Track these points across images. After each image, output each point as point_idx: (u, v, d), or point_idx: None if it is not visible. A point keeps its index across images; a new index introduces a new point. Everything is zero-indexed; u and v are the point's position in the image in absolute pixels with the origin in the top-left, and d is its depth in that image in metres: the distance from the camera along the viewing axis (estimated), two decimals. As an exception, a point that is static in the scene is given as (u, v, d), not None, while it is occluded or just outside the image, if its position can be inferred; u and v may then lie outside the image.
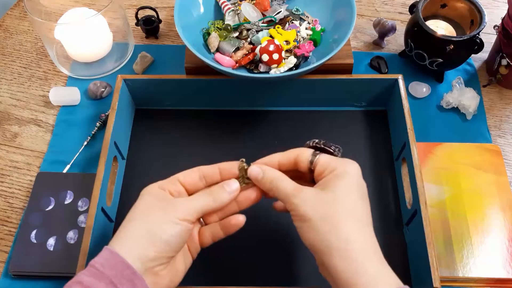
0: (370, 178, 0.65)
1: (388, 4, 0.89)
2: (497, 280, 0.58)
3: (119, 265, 0.42)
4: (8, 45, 0.84)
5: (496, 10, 0.87)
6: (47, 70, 0.80)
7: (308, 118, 0.71)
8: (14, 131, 0.73)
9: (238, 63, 0.68)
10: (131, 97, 0.71)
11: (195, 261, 0.51)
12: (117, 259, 0.42)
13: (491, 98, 0.75)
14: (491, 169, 0.65)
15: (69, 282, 0.42)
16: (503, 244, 0.59)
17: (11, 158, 0.70)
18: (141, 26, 0.82)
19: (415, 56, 0.73)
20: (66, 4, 0.81)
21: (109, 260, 0.43)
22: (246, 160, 0.51)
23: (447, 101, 0.72)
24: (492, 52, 0.77)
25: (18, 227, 0.63)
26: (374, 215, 0.62)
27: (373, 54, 0.80)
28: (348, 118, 0.71)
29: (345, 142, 0.68)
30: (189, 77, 0.68)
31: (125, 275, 0.42)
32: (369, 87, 0.69)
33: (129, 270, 0.42)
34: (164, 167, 0.67)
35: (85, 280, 0.41)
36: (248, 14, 0.71)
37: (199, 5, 0.72)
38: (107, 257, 0.43)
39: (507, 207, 0.62)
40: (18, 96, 0.77)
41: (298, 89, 0.69)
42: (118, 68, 0.79)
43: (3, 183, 0.68)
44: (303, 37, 0.71)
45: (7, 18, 0.88)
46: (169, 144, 0.69)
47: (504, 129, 0.72)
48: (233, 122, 0.71)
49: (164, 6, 0.89)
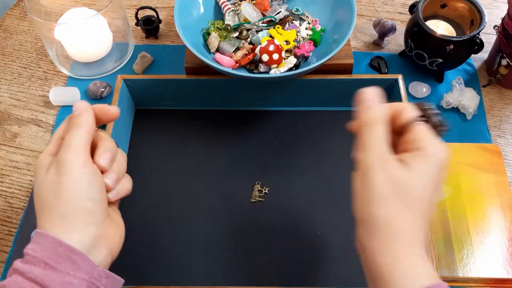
0: (370, 178, 0.65)
1: (388, 4, 0.89)
2: (497, 280, 0.58)
3: (50, 245, 0.39)
4: (8, 45, 0.84)
5: (496, 10, 0.87)
6: (47, 70, 0.80)
7: (308, 118, 0.71)
8: (14, 131, 0.73)
9: (238, 63, 0.68)
10: (131, 97, 0.71)
11: (195, 261, 0.51)
12: (48, 239, 0.40)
13: (491, 98, 0.75)
14: (491, 169, 0.65)
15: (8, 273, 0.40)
16: (503, 244, 0.59)
17: (11, 158, 0.70)
18: (141, 26, 0.82)
19: (415, 56, 0.73)
20: (66, 4, 0.81)
21: (40, 242, 0.40)
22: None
23: (447, 101, 0.72)
24: (492, 52, 0.77)
25: (18, 227, 0.63)
26: (374, 215, 0.62)
27: (373, 54, 0.80)
28: (348, 118, 0.70)
29: (345, 142, 0.69)
30: (189, 77, 0.68)
31: (59, 253, 0.39)
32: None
33: (62, 247, 0.39)
34: (164, 167, 0.67)
35: (20, 266, 0.39)
36: (248, 14, 0.71)
37: (199, 5, 0.72)
38: (38, 240, 0.40)
39: (507, 207, 0.62)
40: (18, 96, 0.77)
41: (298, 89, 0.69)
42: (118, 68, 0.79)
43: (3, 183, 0.68)
44: (303, 37, 0.71)
45: (7, 18, 0.88)
46: (169, 144, 0.69)
47: (504, 129, 0.72)
48: (233, 122, 0.71)
49: (164, 6, 0.89)
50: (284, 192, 0.64)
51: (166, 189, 0.65)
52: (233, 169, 0.66)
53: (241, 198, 0.64)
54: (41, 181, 0.43)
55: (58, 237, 0.40)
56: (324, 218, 0.62)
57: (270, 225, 0.62)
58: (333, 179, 0.65)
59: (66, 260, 0.39)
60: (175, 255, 0.59)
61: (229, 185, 0.65)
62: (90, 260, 0.40)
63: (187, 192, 0.64)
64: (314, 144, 0.68)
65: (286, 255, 0.59)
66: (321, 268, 0.58)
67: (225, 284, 0.57)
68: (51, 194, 0.42)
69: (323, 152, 0.68)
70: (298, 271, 0.58)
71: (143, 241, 0.61)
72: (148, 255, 0.60)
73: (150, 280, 0.58)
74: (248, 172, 0.66)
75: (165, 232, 0.61)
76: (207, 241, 0.60)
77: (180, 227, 0.62)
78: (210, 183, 0.65)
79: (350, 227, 0.61)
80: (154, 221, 0.62)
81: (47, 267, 0.38)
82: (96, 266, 0.41)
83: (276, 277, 0.58)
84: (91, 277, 0.40)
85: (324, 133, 0.69)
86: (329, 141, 0.69)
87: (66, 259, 0.39)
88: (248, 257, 0.59)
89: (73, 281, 0.39)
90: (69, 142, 0.43)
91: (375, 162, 0.41)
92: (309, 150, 0.68)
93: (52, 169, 0.43)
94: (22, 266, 0.39)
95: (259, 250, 0.60)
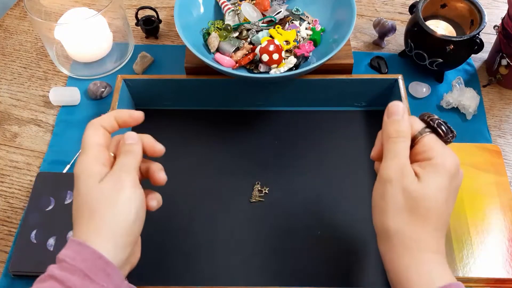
0: (370, 178, 0.65)
1: (388, 4, 0.89)
2: (497, 280, 0.58)
3: (90, 257, 0.40)
4: (8, 45, 0.84)
5: (496, 10, 0.87)
6: (47, 70, 0.80)
7: (308, 118, 0.71)
8: (14, 131, 0.73)
9: (238, 63, 0.68)
10: (131, 97, 0.71)
11: (195, 261, 0.51)
12: (87, 251, 0.41)
13: (491, 98, 0.75)
14: (491, 169, 0.65)
15: (42, 276, 0.41)
16: (503, 244, 0.59)
17: (11, 158, 0.70)
18: (141, 26, 0.82)
19: (415, 56, 0.73)
20: (66, 4, 0.81)
21: (79, 252, 0.41)
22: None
23: (447, 101, 0.72)
24: (492, 52, 0.77)
25: (18, 227, 0.63)
26: (374, 215, 0.62)
27: (373, 54, 0.80)
28: (348, 118, 0.71)
29: (345, 142, 0.69)
30: (189, 77, 0.68)
31: (97, 265, 0.40)
32: (369, 87, 0.69)
33: (101, 260, 0.40)
34: (164, 167, 0.67)
35: (57, 274, 0.40)
36: (248, 14, 0.71)
37: (199, 5, 0.72)
38: (77, 249, 0.41)
39: (507, 207, 0.62)
40: (18, 96, 0.77)
41: (298, 89, 0.69)
42: (118, 68, 0.79)
43: (3, 183, 0.68)
44: (303, 37, 0.71)
45: (7, 18, 0.88)
46: (169, 144, 0.69)
47: (504, 129, 0.72)
48: (233, 122, 0.71)
49: (164, 6, 0.89)
50: (284, 192, 0.64)
51: (166, 189, 0.65)
52: (233, 169, 0.66)
53: (241, 198, 0.64)
54: (94, 189, 0.43)
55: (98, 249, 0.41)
56: (324, 218, 0.62)
57: (270, 225, 0.62)
58: (333, 179, 0.65)
59: (102, 272, 0.40)
60: (174, 255, 0.59)
61: (229, 185, 0.65)
62: (120, 274, 0.42)
63: (187, 192, 0.64)
64: (314, 144, 0.68)
65: (286, 255, 0.59)
66: (321, 268, 0.58)
67: (225, 284, 0.57)
68: (105, 205, 0.43)
69: (323, 152, 0.68)
70: (298, 271, 0.58)
71: (142, 240, 0.61)
72: (148, 255, 0.59)
73: (149, 280, 0.58)
74: (248, 172, 0.66)
75: (165, 232, 0.61)
76: (206, 241, 0.60)
77: (179, 227, 0.62)
78: (210, 183, 0.65)
79: (350, 227, 0.62)
80: (154, 221, 0.62)
81: (86, 278, 0.40)
82: (123, 281, 0.43)
83: (276, 277, 0.58)
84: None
85: (324, 133, 0.69)
86: (329, 141, 0.69)
87: (103, 272, 0.40)
88: (248, 257, 0.59)
89: None
90: (124, 163, 0.46)
91: (394, 176, 0.43)
92: (309, 150, 0.68)
93: (109, 181, 0.44)
94: (60, 274, 0.40)
95: (258, 250, 0.60)
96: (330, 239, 0.60)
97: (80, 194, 0.44)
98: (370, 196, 0.47)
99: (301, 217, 0.62)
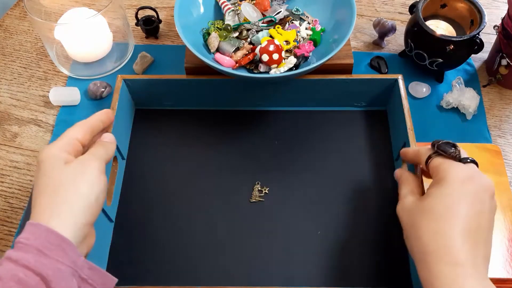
0: (370, 178, 0.65)
1: (388, 4, 0.89)
2: (497, 280, 0.58)
3: (43, 234, 0.41)
4: (8, 45, 0.84)
5: (496, 10, 0.87)
6: (47, 70, 0.80)
7: (308, 118, 0.71)
8: (14, 131, 0.73)
9: (238, 63, 0.68)
10: (131, 97, 0.71)
11: (195, 261, 0.51)
12: (41, 229, 0.42)
13: (491, 98, 0.75)
14: (491, 169, 0.65)
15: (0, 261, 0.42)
16: (503, 244, 0.59)
17: (11, 158, 0.70)
18: (141, 26, 0.82)
19: (415, 56, 0.73)
20: (66, 4, 0.81)
21: (34, 232, 0.42)
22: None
23: (447, 101, 0.72)
24: (492, 52, 0.77)
25: (18, 227, 0.63)
26: (374, 215, 0.62)
27: (373, 54, 0.80)
28: (348, 118, 0.71)
29: (345, 142, 0.69)
30: (189, 77, 0.68)
31: (51, 241, 0.41)
32: (369, 87, 0.69)
33: (55, 236, 0.41)
34: (164, 167, 0.67)
35: (12, 254, 0.40)
36: (248, 14, 0.71)
37: (199, 5, 0.72)
38: (32, 230, 0.42)
39: (507, 207, 0.62)
40: (18, 96, 0.77)
41: (298, 89, 0.69)
42: (118, 68, 0.79)
43: (3, 183, 0.68)
44: (303, 37, 0.71)
45: (7, 18, 0.88)
46: (169, 144, 0.69)
47: (504, 129, 0.72)
48: (233, 122, 0.71)
49: (164, 6, 0.89)
50: (284, 192, 0.64)
51: (166, 189, 0.65)
52: (233, 169, 0.66)
53: (241, 198, 0.64)
54: (58, 172, 0.46)
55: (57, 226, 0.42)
56: (324, 218, 0.62)
57: (270, 225, 0.62)
58: (333, 179, 0.65)
59: (57, 247, 0.41)
60: (175, 255, 0.59)
61: (229, 185, 0.65)
62: (76, 250, 0.43)
63: (187, 192, 0.64)
64: (314, 144, 0.68)
65: (286, 255, 0.59)
66: (321, 268, 0.58)
67: (225, 284, 0.57)
68: (65, 186, 0.45)
69: (323, 152, 0.68)
70: (298, 271, 0.58)
71: (143, 240, 0.61)
72: (148, 255, 0.60)
73: (150, 280, 0.58)
74: (248, 172, 0.66)
75: (165, 232, 0.61)
76: (207, 241, 0.60)
77: (180, 227, 0.62)
78: (210, 183, 0.65)
79: (350, 227, 0.62)
80: (154, 221, 0.62)
81: (40, 253, 0.40)
82: (80, 256, 0.43)
83: (276, 277, 0.58)
84: (75, 266, 0.42)
85: (324, 133, 0.69)
86: (329, 141, 0.69)
87: (57, 246, 0.41)
88: (248, 257, 0.59)
89: (61, 267, 0.41)
90: (95, 153, 0.50)
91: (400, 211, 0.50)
92: (309, 150, 0.68)
93: (73, 165, 0.47)
94: (15, 254, 0.40)
95: (259, 250, 0.60)
96: (330, 239, 0.60)
97: (46, 175, 0.46)
98: (370, 196, 0.47)
99: (301, 217, 0.62)
